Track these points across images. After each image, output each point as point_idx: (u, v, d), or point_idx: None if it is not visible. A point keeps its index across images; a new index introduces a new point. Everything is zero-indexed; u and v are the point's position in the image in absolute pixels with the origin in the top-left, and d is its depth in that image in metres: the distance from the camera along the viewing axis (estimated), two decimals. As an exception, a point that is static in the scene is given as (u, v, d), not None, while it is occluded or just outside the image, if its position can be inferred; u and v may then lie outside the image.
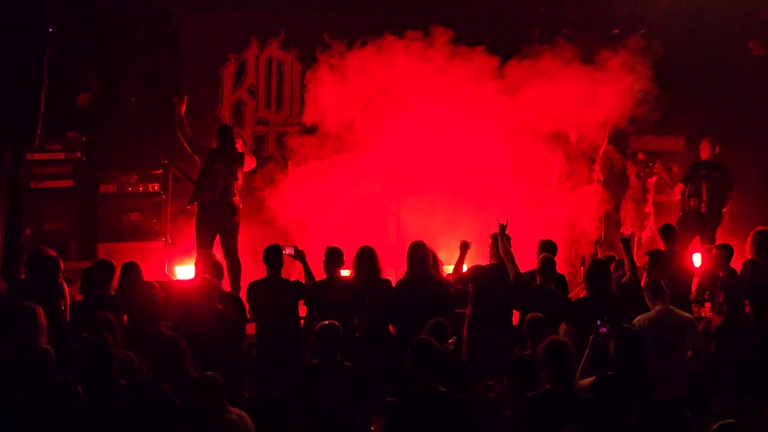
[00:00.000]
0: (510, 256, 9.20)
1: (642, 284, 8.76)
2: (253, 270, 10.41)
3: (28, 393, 6.95)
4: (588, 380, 7.15)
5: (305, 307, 9.27)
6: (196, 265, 9.59)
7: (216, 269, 9.18)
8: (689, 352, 8.06)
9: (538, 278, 9.16)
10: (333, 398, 7.36)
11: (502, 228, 9.35)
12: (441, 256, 9.83)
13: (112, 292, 8.97)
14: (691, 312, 9.29)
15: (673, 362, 7.87)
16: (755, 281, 9.50)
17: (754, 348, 9.28)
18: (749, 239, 9.72)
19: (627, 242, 9.37)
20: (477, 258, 9.89)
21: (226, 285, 9.74)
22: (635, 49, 12.12)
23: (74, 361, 7.43)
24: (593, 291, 8.77)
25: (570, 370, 6.66)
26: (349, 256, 9.37)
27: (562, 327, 8.56)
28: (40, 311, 7.57)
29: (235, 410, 6.80)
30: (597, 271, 8.84)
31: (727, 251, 9.62)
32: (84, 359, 7.08)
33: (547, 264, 9.15)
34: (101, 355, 7.02)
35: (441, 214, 11.87)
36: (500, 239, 9.30)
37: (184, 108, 11.54)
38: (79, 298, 9.24)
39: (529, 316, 8.04)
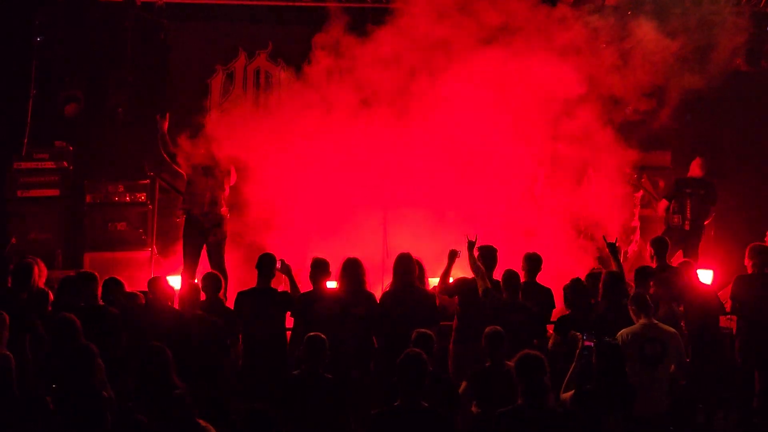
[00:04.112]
0: (479, 272, 9.22)
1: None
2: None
3: None
4: (569, 393, 7.15)
5: (293, 318, 9.26)
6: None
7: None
8: (673, 367, 8.07)
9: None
10: (313, 411, 7.33)
11: (471, 244, 9.45)
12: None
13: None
14: (679, 327, 9.33)
15: (657, 376, 7.86)
16: (745, 295, 9.55)
17: (738, 362, 9.34)
18: (746, 253, 9.76)
19: (613, 246, 9.48)
20: (464, 269, 9.89)
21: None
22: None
23: (49, 371, 7.37)
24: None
25: (543, 385, 6.57)
26: (333, 266, 9.37)
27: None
28: (6, 318, 7.57)
29: (202, 422, 6.77)
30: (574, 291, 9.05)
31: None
32: (64, 369, 7.03)
33: (510, 278, 9.18)
34: (84, 366, 6.98)
35: (428, 224, 11.85)
36: (470, 255, 9.37)
37: (166, 125, 11.54)
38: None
39: (488, 329, 7.97)
